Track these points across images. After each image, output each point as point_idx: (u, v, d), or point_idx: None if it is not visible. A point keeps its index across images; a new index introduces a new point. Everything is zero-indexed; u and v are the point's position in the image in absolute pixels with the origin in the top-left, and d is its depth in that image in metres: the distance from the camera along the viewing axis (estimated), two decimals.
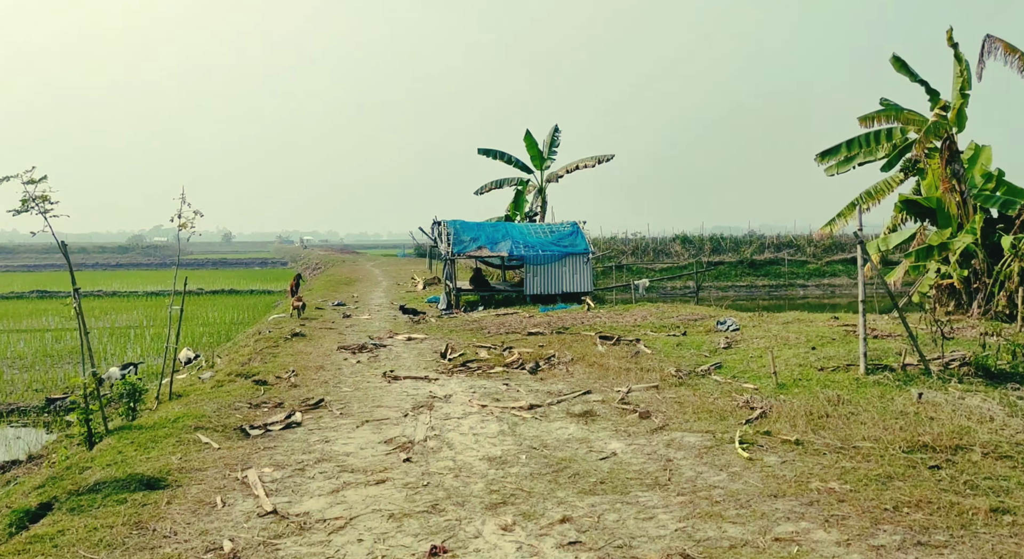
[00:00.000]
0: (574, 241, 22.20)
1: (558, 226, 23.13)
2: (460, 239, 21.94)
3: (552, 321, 17.38)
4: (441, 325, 18.07)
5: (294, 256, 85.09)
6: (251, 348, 14.36)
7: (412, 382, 10.79)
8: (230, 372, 11.30)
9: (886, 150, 14.84)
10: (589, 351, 12.55)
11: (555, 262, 21.72)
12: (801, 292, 44.75)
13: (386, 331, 17.08)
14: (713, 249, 49.28)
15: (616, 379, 10.37)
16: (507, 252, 21.63)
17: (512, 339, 14.78)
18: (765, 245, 48.82)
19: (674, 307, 18.09)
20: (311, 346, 14.34)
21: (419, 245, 79.69)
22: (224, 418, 8.38)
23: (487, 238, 22.02)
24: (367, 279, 38.34)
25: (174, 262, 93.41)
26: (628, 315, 17.45)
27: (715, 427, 7.55)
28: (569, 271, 21.79)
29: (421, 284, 30.31)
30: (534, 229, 22.94)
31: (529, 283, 21.79)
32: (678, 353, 12.16)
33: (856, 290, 10.48)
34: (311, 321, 18.72)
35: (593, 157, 27.08)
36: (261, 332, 17.15)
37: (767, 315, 15.58)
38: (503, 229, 22.60)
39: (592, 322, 16.63)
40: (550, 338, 14.48)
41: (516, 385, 10.37)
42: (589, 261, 21.94)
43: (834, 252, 47.83)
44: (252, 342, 15.18)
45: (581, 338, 14.11)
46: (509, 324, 17.42)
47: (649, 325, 15.54)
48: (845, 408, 7.82)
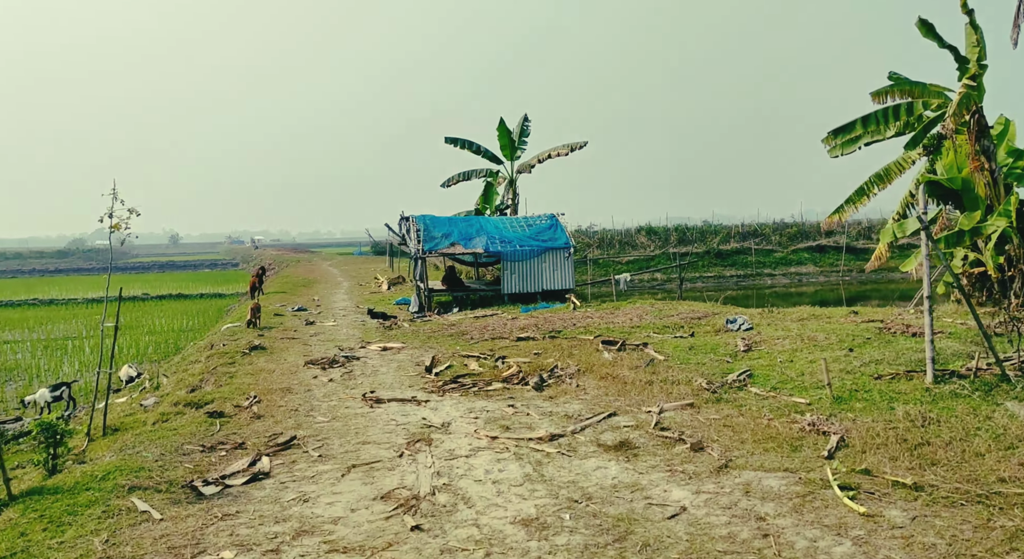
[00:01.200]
0: (553, 235, 20.67)
1: (535, 219, 21.57)
2: (431, 235, 20.20)
3: (539, 323, 15.83)
4: (416, 330, 16.34)
5: (245, 257, 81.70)
6: (203, 366, 12.43)
7: (398, 405, 9.10)
8: (177, 400, 9.40)
9: (896, 128, 13.69)
10: (595, 360, 11.04)
11: (534, 258, 20.16)
12: (769, 281, 44.20)
13: (357, 340, 15.28)
14: (679, 240, 48.43)
15: (639, 395, 8.86)
16: (483, 248, 19.98)
17: (501, 346, 13.17)
18: (731, 235, 48.16)
19: (671, 305, 16.72)
20: (274, 362, 12.49)
21: (376, 242, 77.14)
22: (169, 469, 6.58)
23: (460, 233, 20.33)
24: (326, 280, 36.19)
25: (118, 266, 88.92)
26: (621, 314, 16.01)
27: (792, 462, 6.09)
28: (549, 267, 20.27)
29: (385, 284, 28.43)
30: (510, 223, 21.33)
31: (507, 281, 20.19)
32: (696, 359, 10.73)
33: (823, 279, 9.14)
34: (271, 330, 16.78)
35: (566, 145, 25.56)
36: (214, 346, 15.17)
37: (777, 311, 14.32)
38: (477, 223, 20.94)
39: (584, 323, 15.13)
40: (544, 344, 12.92)
41: (523, 406, 8.77)
42: (571, 256, 20.45)
43: (799, 240, 47.45)
44: (204, 359, 13.23)
45: (580, 344, 12.59)
46: (492, 328, 15.81)
47: (650, 326, 14.12)
48: (939, 431, 6.46)
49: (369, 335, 15.97)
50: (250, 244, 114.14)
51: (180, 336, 24.74)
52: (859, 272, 44.57)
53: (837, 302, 38.39)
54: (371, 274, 38.81)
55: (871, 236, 47.21)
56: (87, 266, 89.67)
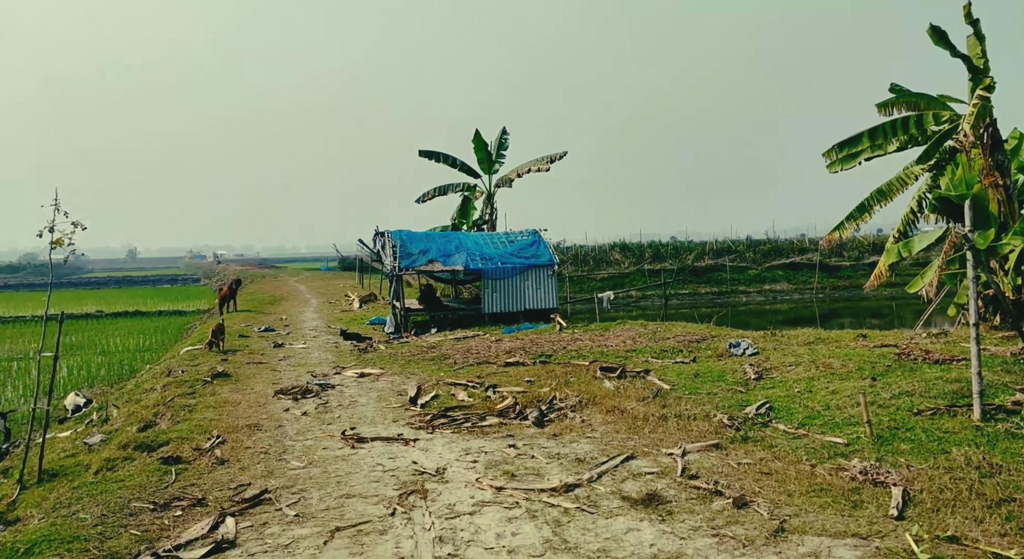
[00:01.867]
0: (536, 251, 19.78)
1: (517, 235, 20.67)
2: (407, 252, 19.14)
3: (525, 346, 14.86)
4: (394, 353, 15.24)
5: (207, 272, 79.31)
6: (158, 397, 11.17)
7: (384, 445, 8.04)
8: (126, 442, 8.18)
9: (899, 142, 13.16)
10: (596, 389, 10.11)
11: (516, 276, 19.23)
12: (744, 299, 43.96)
13: (330, 364, 14.13)
14: (653, 256, 48.00)
15: (654, 433, 7.94)
16: (462, 266, 18.98)
17: (490, 373, 12.17)
18: (705, 251, 47.91)
19: (664, 326, 15.89)
20: (239, 391, 11.29)
21: (344, 257, 75.46)
22: (111, 537, 5.43)
23: (438, 250, 19.31)
24: (294, 297, 34.76)
25: (72, 281, 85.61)
26: (612, 336, 15.13)
27: (858, 524, 5.20)
28: (532, 285, 19.35)
29: (357, 302, 27.20)
30: (491, 239, 20.38)
31: (487, 300, 19.21)
32: (705, 388, 9.88)
33: (797, 296, 8.40)
34: (235, 354, 15.51)
35: (545, 158, 24.76)
36: (172, 372, 13.87)
37: (781, 334, 13.57)
38: (456, 239, 19.95)
39: (575, 347, 14.21)
40: (536, 371, 11.95)
41: (525, 446, 7.78)
42: (555, 274, 19.56)
43: (773, 257, 47.38)
44: (160, 388, 11.96)
45: (576, 370, 11.65)
46: (475, 351, 14.80)
47: (646, 350, 13.25)
48: (1018, 483, 5.65)
49: (343, 359, 14.83)
50: (212, 259, 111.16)
51: (136, 357, 23.20)
52: (832, 290, 44.63)
53: (811, 320, 38.16)
54: (341, 291, 37.46)
55: (843, 253, 47.41)
56: (40, 282, 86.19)
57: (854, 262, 46.39)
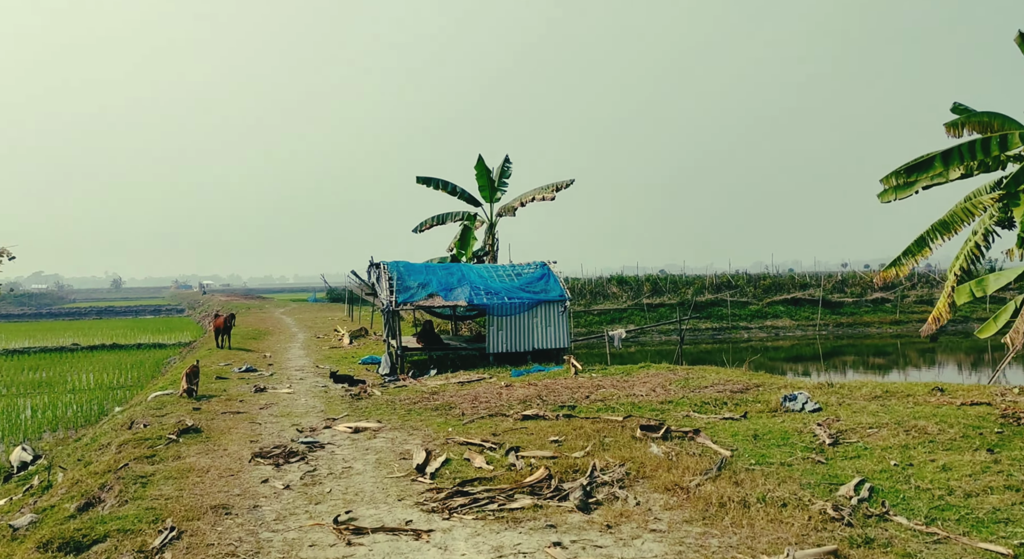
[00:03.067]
0: (546, 285, 18.04)
1: (524, 268, 18.94)
2: (406, 285, 17.34)
3: (540, 393, 13.04)
4: (392, 401, 13.34)
5: (192, 302, 76.89)
6: (111, 460, 9.18)
7: (389, 540, 6.14)
8: (49, 537, 6.20)
9: (963, 169, 11.66)
10: (641, 455, 8.28)
11: (524, 312, 17.45)
12: (745, 335, 42.39)
13: (319, 414, 12.21)
14: (652, 290, 46.44)
15: (738, 526, 6.11)
16: (466, 300, 17.19)
17: (506, 429, 10.30)
18: (705, 286, 46.42)
19: (695, 372, 14.10)
20: (209, 453, 9.33)
21: (332, 288, 73.42)
22: None
23: (439, 283, 17.52)
24: (279, 331, 32.70)
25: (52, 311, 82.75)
26: (637, 382, 13.34)
27: None
28: (541, 323, 17.56)
29: (347, 337, 25.25)
30: (496, 272, 18.64)
31: (492, 339, 17.38)
32: (774, 456, 8.09)
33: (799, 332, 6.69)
34: (210, 400, 13.54)
35: (551, 186, 23.21)
36: (134, 424, 11.88)
37: (839, 385, 11.80)
38: (458, 272, 18.19)
39: (598, 395, 12.40)
40: (561, 427, 10.10)
41: (575, 544, 5.93)
42: (566, 310, 17.80)
43: (774, 292, 45.96)
44: (116, 448, 9.96)
45: (609, 428, 9.81)
46: (484, 398, 12.95)
47: (683, 401, 11.45)
48: None
49: (334, 408, 12.90)
50: (198, 289, 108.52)
51: (109, 395, 21.20)
52: (836, 326, 43.15)
53: (814, 357, 36.64)
54: (329, 324, 35.47)
55: (844, 290, 46.10)
56: (18, 312, 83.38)
57: (856, 298, 45.07)
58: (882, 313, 43.78)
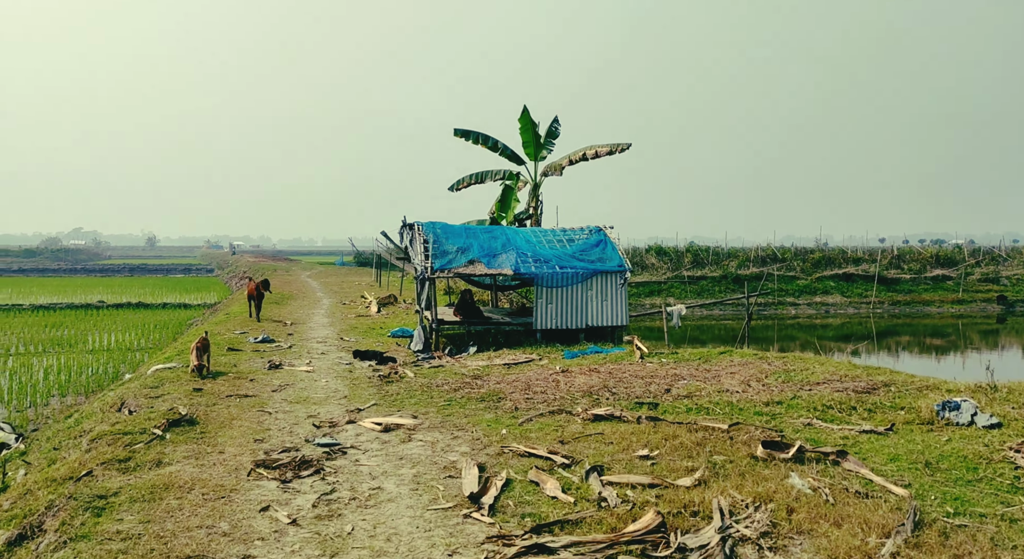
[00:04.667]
0: (603, 254, 15.55)
1: (577, 233, 16.44)
2: (443, 249, 14.96)
3: (606, 381, 10.68)
4: (427, 386, 11.08)
5: (221, 262, 75.64)
6: (75, 462, 7.03)
7: None
8: None
9: None
10: (781, 492, 5.87)
11: (578, 284, 15.01)
12: (792, 311, 39.54)
13: (340, 402, 9.99)
14: (693, 262, 43.61)
15: None
16: (511, 268, 14.78)
17: (575, 433, 7.97)
18: (749, 259, 43.46)
19: (799, 363, 11.53)
20: (199, 459, 7.14)
21: (360, 252, 71.38)
22: None
23: (481, 248, 15.12)
24: (303, 295, 30.69)
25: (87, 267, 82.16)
26: (723, 373, 10.90)
27: None
28: (597, 296, 15.13)
29: (374, 305, 23.06)
30: (545, 237, 16.17)
31: (541, 313, 15.00)
32: (975, 500, 5.65)
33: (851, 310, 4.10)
34: (216, 379, 11.39)
35: (608, 144, 20.54)
36: (124, 405, 9.76)
37: (1005, 388, 9.20)
38: (503, 236, 15.74)
39: (679, 388, 10.00)
40: (648, 434, 7.73)
41: None
42: (625, 283, 15.32)
43: (824, 267, 42.86)
44: (87, 442, 7.81)
45: (714, 439, 7.41)
46: (538, 387, 10.64)
47: (797, 403, 8.98)
48: None
49: (359, 392, 10.68)
50: (228, 249, 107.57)
51: (126, 357, 19.09)
52: (891, 304, 40.06)
53: (866, 336, 33.82)
54: (356, 289, 33.39)
55: (901, 266, 42.83)
56: (54, 267, 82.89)
57: (915, 275, 41.81)
58: (943, 291, 40.55)
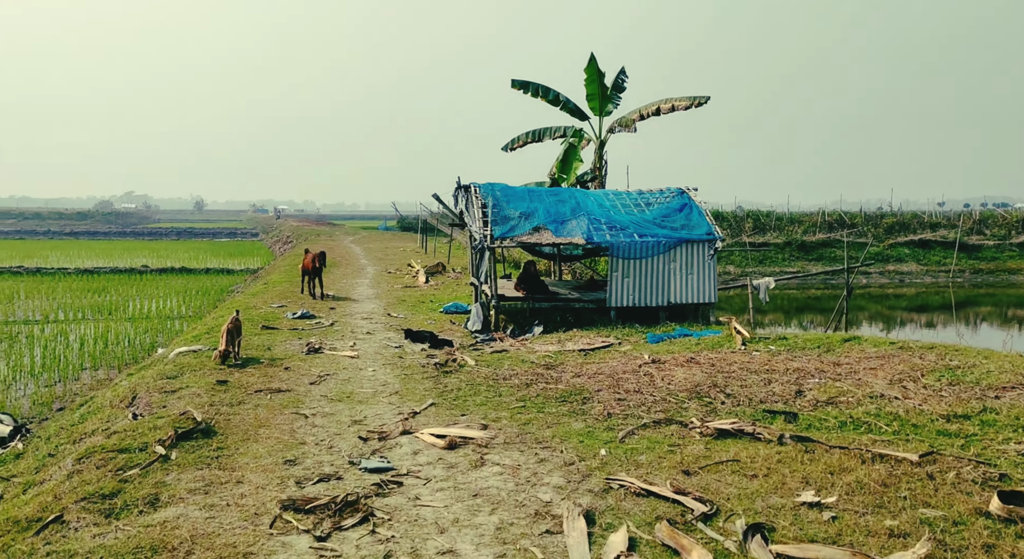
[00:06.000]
0: (688, 220, 13.29)
1: (656, 196, 14.16)
2: (504, 215, 12.89)
3: (713, 377, 8.59)
4: (493, 377, 9.15)
5: (265, 227, 75.08)
6: (50, 495, 5.28)
7: None
8: None
9: None
10: None
11: (660, 254, 12.81)
12: (864, 280, 36.54)
13: (392, 400, 8.12)
14: (754, 227, 40.71)
15: None
16: (583, 237, 12.64)
17: (700, 457, 5.92)
18: (816, 224, 40.34)
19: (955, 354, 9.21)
20: (208, 496, 5.32)
21: (403, 217, 69.69)
22: None
23: (547, 213, 12.99)
24: (346, 262, 29.06)
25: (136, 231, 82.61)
26: (859, 367, 8.67)
27: None
28: (681, 269, 12.92)
29: (422, 275, 21.23)
30: (620, 200, 13.94)
31: (616, 288, 12.87)
32: None
33: (928, 279, 1.67)
34: (244, 368, 9.61)
35: (686, 97, 18.03)
36: (135, 399, 8.06)
37: None
38: (571, 199, 13.56)
39: (813, 389, 7.85)
40: (801, 464, 5.64)
41: None
42: (715, 254, 13.06)
43: (898, 233, 39.54)
44: (71, 463, 6.06)
45: (907, 478, 5.29)
46: (627, 382, 8.61)
47: (992, 419, 6.74)
48: None
49: (412, 386, 8.79)
50: (273, 213, 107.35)
51: (165, 326, 18.08)
52: (973, 273, 36.70)
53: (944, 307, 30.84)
54: (401, 256, 31.66)
55: (984, 231, 39.23)
56: (104, 229, 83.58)
57: (999, 241, 38.23)
58: None
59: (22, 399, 12.15)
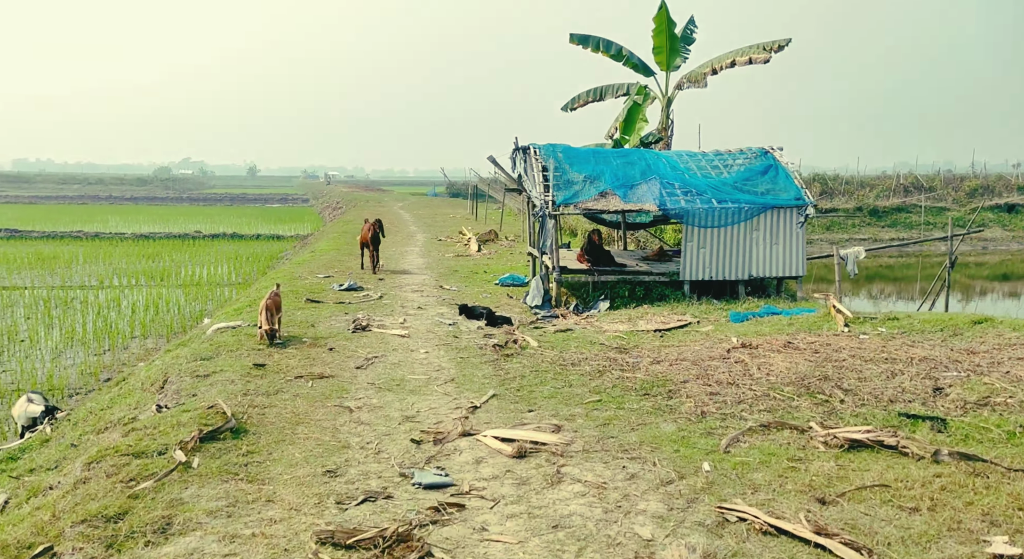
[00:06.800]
0: (773, 184, 11.76)
1: (734, 157, 12.61)
2: (567, 179, 11.59)
3: (820, 367, 7.26)
4: (560, 362, 8.01)
5: (316, 192, 75.09)
6: (50, 512, 4.39)
7: None
8: None
9: None
10: None
11: (742, 222, 11.37)
12: (942, 247, 33.86)
13: (447, 388, 7.06)
14: (822, 192, 38.19)
15: None
16: (656, 204, 11.26)
17: (832, 477, 4.66)
18: (890, 188, 37.61)
19: None
20: (234, 516, 4.34)
21: (452, 183, 68.53)
22: None
23: (615, 177, 11.63)
24: (395, 229, 28.16)
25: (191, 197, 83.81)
26: (1001, 356, 7.21)
27: None
28: (765, 239, 11.45)
29: (474, 243, 20.14)
30: (695, 161, 12.45)
31: (691, 260, 11.49)
32: None
33: (1015, 246, 0.32)
34: (284, 348, 8.68)
35: (760, 45, 16.20)
36: (166, 382, 7.22)
37: None
38: (641, 161, 12.14)
39: (940, 378, 6.45)
40: (964, 485, 4.34)
41: None
42: (804, 222, 11.54)
43: (981, 197, 36.55)
44: (80, 469, 5.18)
45: None
46: (713, 369, 7.39)
47: None
48: None
49: (469, 373, 7.72)
50: (324, 179, 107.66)
51: (215, 293, 17.82)
52: None
53: None
54: (451, 223, 30.63)
55: None
56: (162, 195, 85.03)
57: None
58: None
59: (70, 368, 11.73)
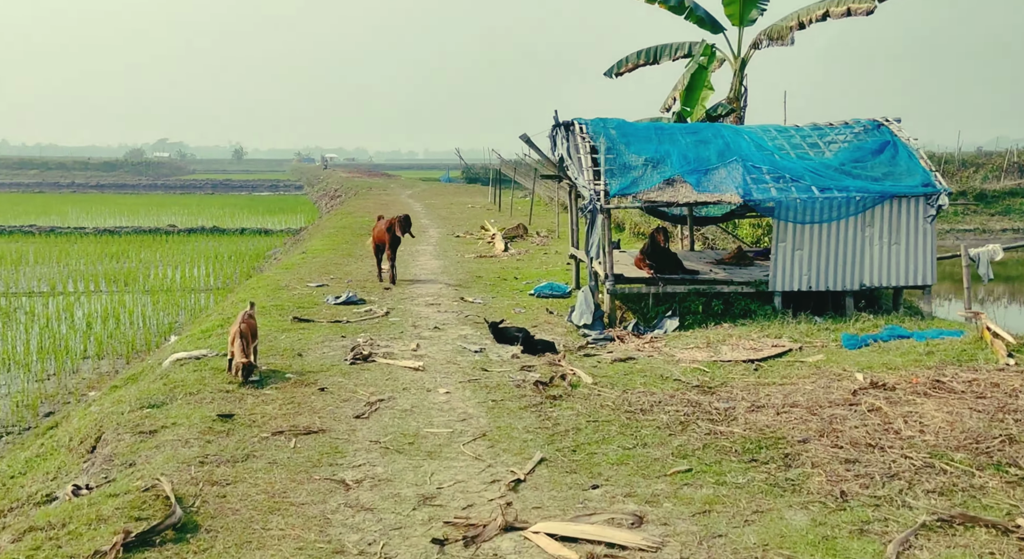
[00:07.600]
0: (892, 166, 10.54)
1: (840, 131, 11.36)
2: (622, 162, 10.44)
3: (987, 414, 6.07)
4: (625, 411, 6.91)
5: (311, 178, 74.60)
6: None
7: None
8: None
9: None
10: None
11: (850, 217, 10.15)
12: None
13: (476, 458, 5.98)
14: None
15: None
16: (739, 193, 10.07)
17: None
18: (1003, 167, 35.91)
19: None
20: None
21: (469, 166, 67.56)
22: None
23: (684, 159, 10.47)
24: None
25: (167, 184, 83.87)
26: None
27: None
28: (882, 238, 10.23)
29: (499, 241, 19.09)
30: (787, 138, 11.23)
31: (783, 265, 10.29)
32: None
33: None
34: (262, 389, 7.63)
35: None
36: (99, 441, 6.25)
37: None
38: (718, 138, 10.93)
39: None
40: None
41: None
42: (935, 217, 10.31)
43: None
44: None
45: None
46: (840, 421, 6.27)
47: None
48: None
49: (505, 424, 6.64)
50: (320, 163, 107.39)
51: (188, 300, 17.43)
52: None
53: None
54: (469, 214, 29.63)
55: None
56: (133, 182, 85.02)
57: None
58: None
59: (3, 399, 11.00)
